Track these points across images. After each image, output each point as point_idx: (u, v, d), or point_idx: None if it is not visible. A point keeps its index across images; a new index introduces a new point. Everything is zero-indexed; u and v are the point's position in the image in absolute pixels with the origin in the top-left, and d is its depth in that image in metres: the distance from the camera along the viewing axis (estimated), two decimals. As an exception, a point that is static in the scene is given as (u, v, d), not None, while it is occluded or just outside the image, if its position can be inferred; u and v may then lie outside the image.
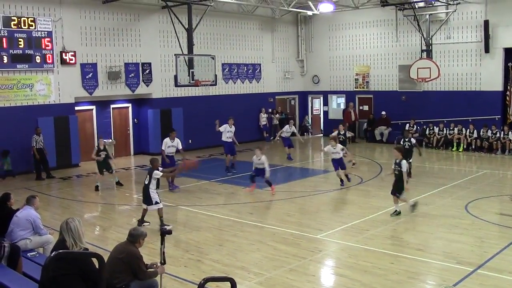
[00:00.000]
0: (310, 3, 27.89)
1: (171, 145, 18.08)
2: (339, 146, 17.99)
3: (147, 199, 13.21)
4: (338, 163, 17.77)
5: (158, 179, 13.88)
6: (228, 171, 20.80)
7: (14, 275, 8.01)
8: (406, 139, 18.70)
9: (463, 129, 25.61)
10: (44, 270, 6.23)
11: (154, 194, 13.20)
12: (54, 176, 20.58)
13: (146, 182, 13.23)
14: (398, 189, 13.97)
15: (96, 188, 18.39)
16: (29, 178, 20.50)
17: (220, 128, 20.72)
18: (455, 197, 15.99)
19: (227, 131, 20.88)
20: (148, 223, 13.45)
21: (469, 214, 13.99)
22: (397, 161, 14.01)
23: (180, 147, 18.26)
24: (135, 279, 7.46)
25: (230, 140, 20.94)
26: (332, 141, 18.06)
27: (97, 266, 6.20)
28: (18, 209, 10.01)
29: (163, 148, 18.12)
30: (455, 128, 26.01)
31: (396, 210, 13.96)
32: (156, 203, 13.20)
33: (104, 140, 19.67)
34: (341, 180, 17.90)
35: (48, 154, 21.08)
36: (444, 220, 13.58)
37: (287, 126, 24.03)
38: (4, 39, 20.36)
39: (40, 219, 9.81)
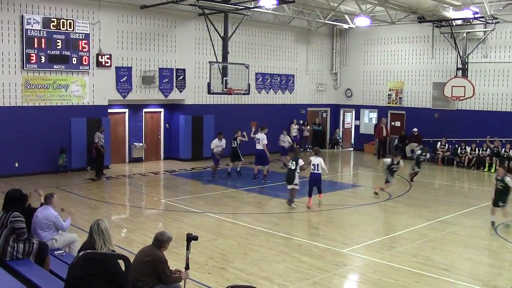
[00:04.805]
0: (346, 16, 27.86)
1: (219, 144, 21.71)
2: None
3: (292, 180, 16.32)
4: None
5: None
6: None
7: (42, 272, 8.13)
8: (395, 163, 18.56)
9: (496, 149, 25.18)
10: (71, 269, 6.30)
11: (297, 177, 16.39)
12: (105, 174, 21.64)
13: (293, 168, 16.35)
14: (503, 200, 14.67)
15: None
16: (59, 177, 20.86)
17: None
18: (484, 218, 15.67)
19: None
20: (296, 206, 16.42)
21: (499, 237, 13.76)
22: (499, 177, 14.82)
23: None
24: (159, 283, 7.49)
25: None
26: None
27: (123, 268, 6.25)
28: (37, 208, 9.75)
29: (212, 147, 21.76)
30: (488, 149, 25.61)
31: (494, 222, 14.69)
32: (296, 184, 16.37)
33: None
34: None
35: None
36: (472, 241, 13.38)
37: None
38: (43, 39, 20.72)
39: (59, 217, 9.67)
